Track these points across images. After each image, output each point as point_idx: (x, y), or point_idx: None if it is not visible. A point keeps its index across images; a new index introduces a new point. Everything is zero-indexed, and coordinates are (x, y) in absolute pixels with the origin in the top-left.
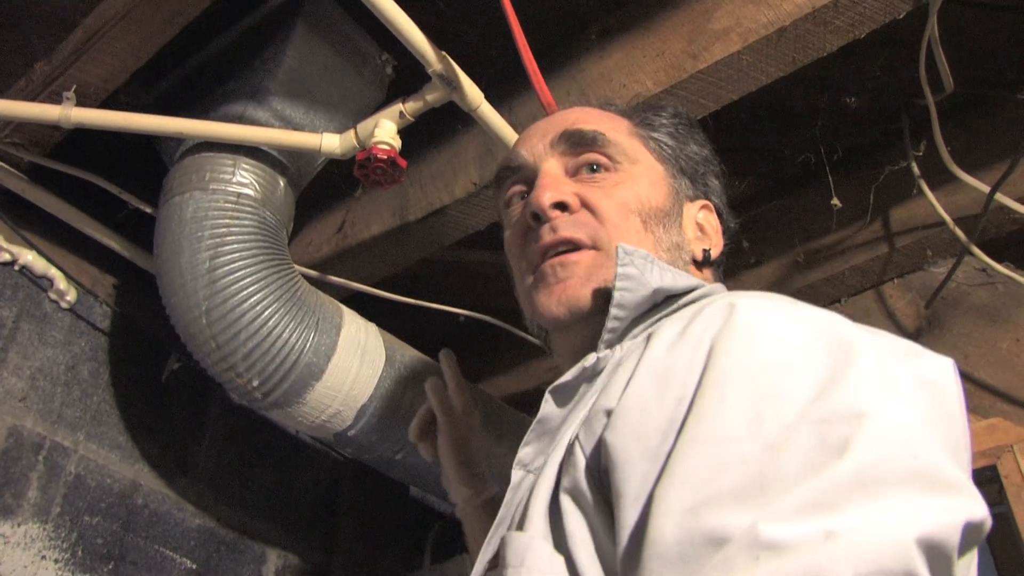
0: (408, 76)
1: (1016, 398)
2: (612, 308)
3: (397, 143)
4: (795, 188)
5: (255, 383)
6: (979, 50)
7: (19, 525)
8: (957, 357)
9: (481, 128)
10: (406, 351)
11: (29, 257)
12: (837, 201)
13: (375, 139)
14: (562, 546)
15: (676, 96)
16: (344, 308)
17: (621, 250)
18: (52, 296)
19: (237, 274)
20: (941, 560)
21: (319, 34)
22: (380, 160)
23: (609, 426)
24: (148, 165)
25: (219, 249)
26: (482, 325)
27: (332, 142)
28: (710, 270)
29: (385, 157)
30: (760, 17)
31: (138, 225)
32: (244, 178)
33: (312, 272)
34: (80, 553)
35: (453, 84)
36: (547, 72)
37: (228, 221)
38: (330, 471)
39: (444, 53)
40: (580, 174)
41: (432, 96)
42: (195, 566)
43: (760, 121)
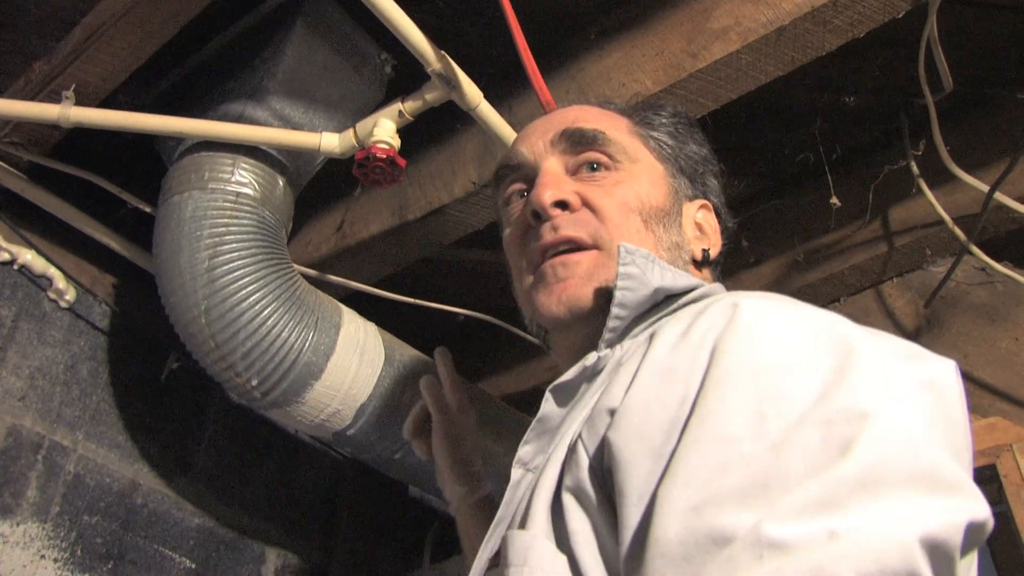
0: (407, 75)
1: (1015, 397)
2: (613, 307)
3: (396, 142)
4: (794, 187)
5: (254, 382)
6: (978, 49)
7: (18, 524)
8: (956, 356)
9: (480, 127)
10: (405, 350)
11: (28, 256)
12: (836, 200)
13: (374, 138)
14: (564, 545)
15: (675, 95)
16: (343, 307)
17: (623, 249)
18: (51, 295)
19: (236, 273)
20: (944, 560)
21: (318, 33)
22: (379, 159)
23: (612, 425)
24: (147, 164)
25: (218, 248)
26: (481, 324)
27: (331, 141)
28: (709, 270)
29: (384, 156)
30: (759, 16)
31: (137, 224)
32: (243, 177)
33: (311, 271)
34: (79, 552)
35: (452, 83)
36: (546, 71)
37: (227, 220)
38: (329, 470)
39: (443, 52)
40: (580, 173)
41: (431, 95)
42: (194, 565)
43: (759, 120)
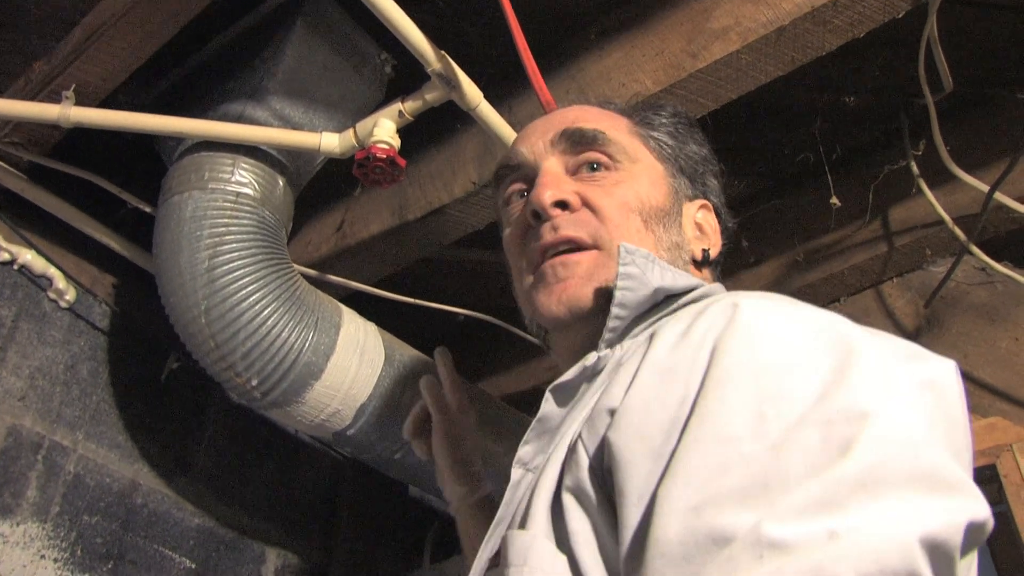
0: (407, 75)
1: (1015, 397)
2: (613, 307)
3: (396, 142)
4: (794, 187)
5: (254, 382)
6: (978, 49)
7: (18, 524)
8: (956, 356)
9: (480, 127)
10: (405, 350)
11: (28, 256)
12: (836, 200)
13: (374, 138)
14: (565, 545)
15: (675, 95)
16: (343, 307)
17: (623, 249)
18: (51, 295)
19: (236, 273)
20: (944, 560)
21: (318, 33)
22: (379, 159)
23: (612, 425)
24: (147, 164)
25: (218, 248)
26: (481, 324)
27: (331, 141)
28: (708, 270)
29: (384, 156)
30: (759, 16)
31: (137, 224)
32: (243, 177)
33: (311, 271)
34: (79, 552)
35: (452, 83)
36: (546, 71)
37: (227, 220)
38: (329, 470)
39: (443, 52)
40: (580, 173)
41: (431, 95)
42: (194, 565)
43: (759, 120)
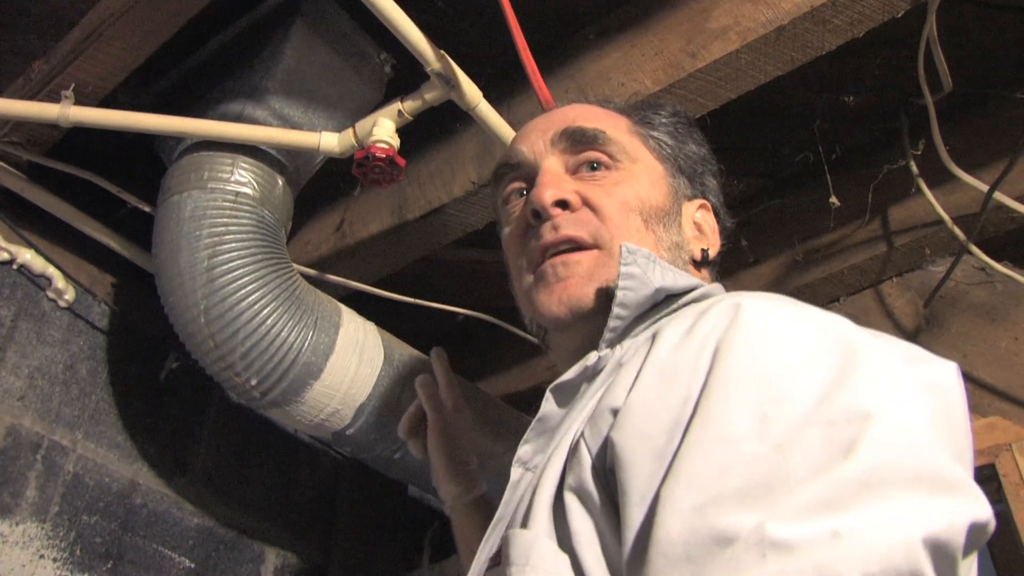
0: (407, 75)
1: (1015, 397)
2: (615, 307)
3: (395, 142)
4: (794, 187)
5: (253, 382)
6: (978, 49)
7: (17, 524)
8: (956, 356)
9: (480, 127)
10: (405, 350)
11: (27, 256)
12: (836, 200)
13: (373, 138)
14: (566, 545)
15: (675, 95)
16: (343, 307)
17: (625, 249)
18: (50, 295)
19: (235, 273)
20: (946, 561)
21: (318, 33)
22: (378, 159)
23: (615, 425)
24: (147, 164)
25: (217, 248)
26: (481, 324)
27: (330, 141)
28: (707, 270)
29: (383, 156)
30: (758, 16)
31: (137, 224)
32: (242, 177)
33: (311, 271)
34: (78, 552)
35: (452, 83)
36: (545, 71)
37: (226, 220)
38: (329, 470)
39: (443, 52)
40: (580, 172)
41: (431, 95)
42: (194, 565)
43: (759, 120)
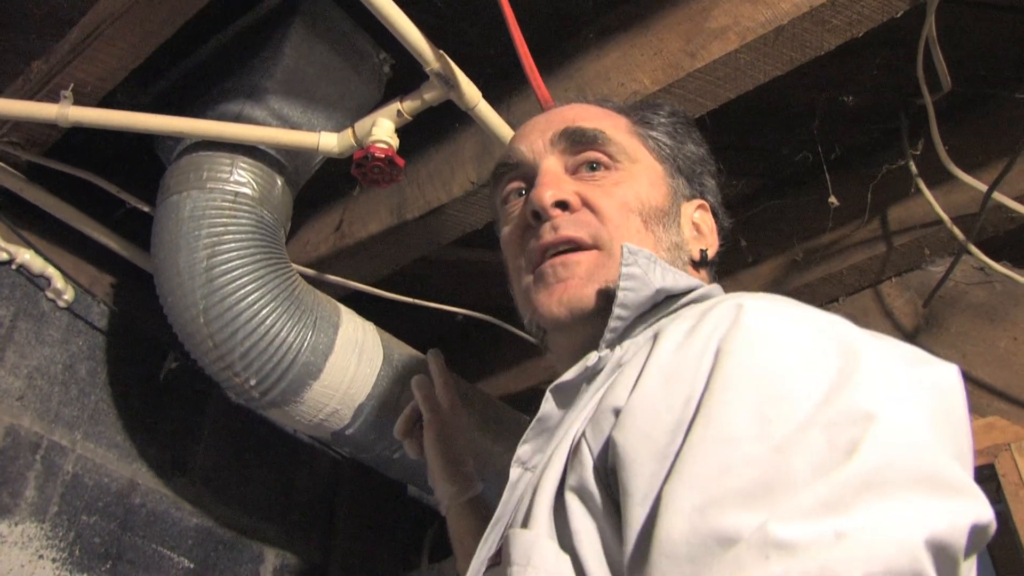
0: (406, 75)
1: (1014, 397)
2: (616, 308)
3: (395, 142)
4: (793, 187)
5: (252, 382)
6: (977, 49)
7: (16, 524)
8: (955, 356)
9: (479, 127)
10: (404, 350)
11: (27, 256)
12: (835, 200)
13: (373, 138)
14: (567, 545)
15: (674, 95)
16: (342, 307)
17: (626, 249)
18: (49, 295)
19: (234, 273)
20: (948, 562)
21: (317, 33)
22: (378, 159)
23: (617, 425)
24: (146, 164)
25: (216, 248)
26: (480, 324)
27: (330, 141)
28: (706, 270)
29: (383, 156)
30: (758, 16)
31: (136, 224)
32: (242, 177)
33: (310, 271)
34: (77, 552)
35: (451, 83)
36: (545, 71)
37: (225, 220)
38: (328, 470)
39: (442, 52)
40: (580, 172)
41: (430, 95)
42: (193, 565)
43: (758, 120)
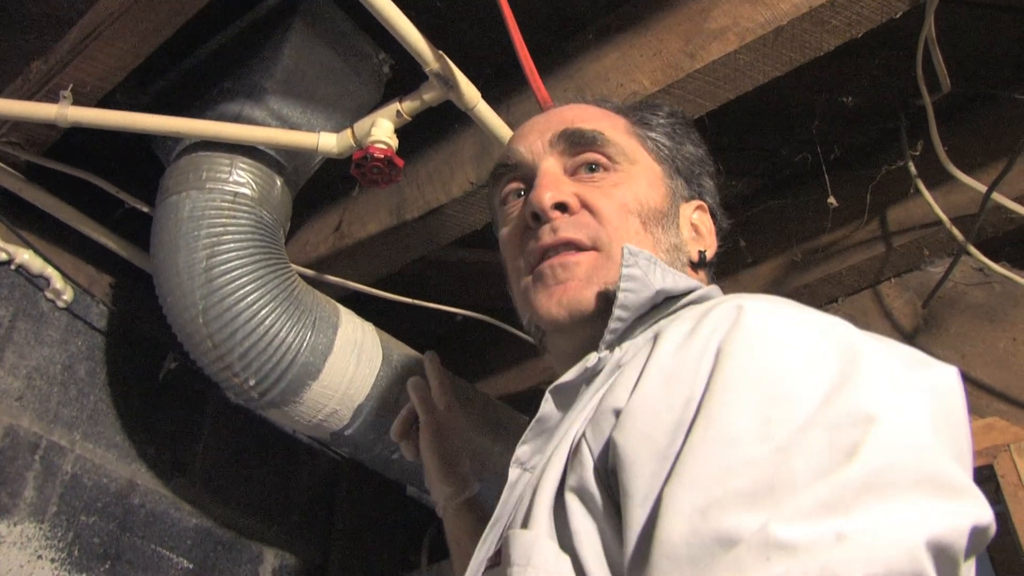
0: (405, 75)
1: (1013, 397)
2: (616, 309)
3: (394, 142)
4: (792, 187)
5: (252, 382)
6: (976, 50)
7: (15, 524)
8: (954, 357)
9: (478, 127)
10: (403, 350)
11: (26, 256)
12: (834, 200)
13: (372, 138)
14: (567, 545)
15: (673, 95)
16: (341, 308)
17: (626, 251)
18: (48, 295)
19: (233, 273)
20: (948, 563)
21: (317, 33)
22: (377, 159)
23: (617, 426)
24: (145, 164)
25: (216, 248)
26: (479, 324)
27: (329, 141)
28: (704, 271)
29: (382, 156)
30: (757, 17)
31: (135, 224)
32: (241, 177)
33: (309, 271)
34: (76, 553)
35: (450, 83)
36: (544, 71)
37: (225, 220)
38: (327, 470)
39: (441, 52)
40: (578, 173)
41: (429, 95)
42: (192, 566)
43: (757, 120)
